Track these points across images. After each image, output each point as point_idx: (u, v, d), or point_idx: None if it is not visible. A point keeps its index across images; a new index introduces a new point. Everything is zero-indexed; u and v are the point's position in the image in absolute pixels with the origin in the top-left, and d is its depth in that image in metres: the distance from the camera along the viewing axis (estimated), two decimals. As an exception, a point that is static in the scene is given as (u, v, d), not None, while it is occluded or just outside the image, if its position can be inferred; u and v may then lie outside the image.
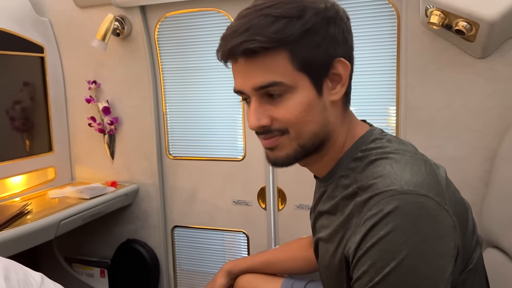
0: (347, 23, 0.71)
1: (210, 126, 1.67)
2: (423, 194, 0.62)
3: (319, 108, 0.69)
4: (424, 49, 1.29)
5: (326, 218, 0.78)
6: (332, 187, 0.76)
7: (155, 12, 1.62)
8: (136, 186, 1.74)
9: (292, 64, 0.67)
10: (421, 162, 0.69)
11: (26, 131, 1.65)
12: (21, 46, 1.59)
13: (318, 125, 0.70)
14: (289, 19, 0.65)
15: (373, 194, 0.64)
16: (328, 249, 0.75)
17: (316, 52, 0.67)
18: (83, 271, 1.84)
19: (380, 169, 0.66)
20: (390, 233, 0.60)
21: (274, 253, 1.18)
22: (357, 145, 0.73)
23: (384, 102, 1.42)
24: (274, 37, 0.65)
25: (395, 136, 0.76)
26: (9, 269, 0.62)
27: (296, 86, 0.68)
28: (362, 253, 0.63)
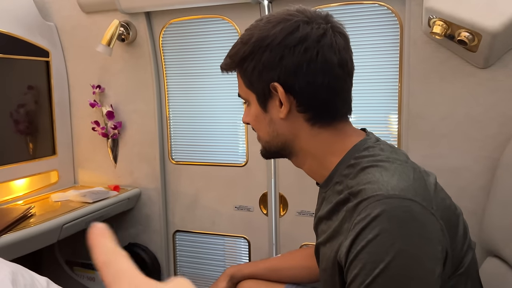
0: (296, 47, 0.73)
1: (213, 131, 1.68)
2: (409, 198, 0.65)
3: (266, 121, 0.80)
4: (427, 59, 1.30)
5: (325, 223, 0.81)
6: (329, 193, 0.80)
7: (160, 19, 1.63)
8: (138, 191, 1.75)
9: (244, 82, 0.81)
10: (410, 169, 0.72)
11: (29, 135, 1.66)
12: (27, 50, 1.61)
13: (268, 135, 0.82)
14: (240, 45, 0.78)
15: (362, 199, 0.67)
16: (325, 253, 0.79)
17: (253, 75, 0.77)
18: (84, 275, 1.84)
19: (370, 176, 0.70)
20: (377, 236, 0.63)
21: (277, 260, 1.20)
22: (351, 153, 0.77)
23: (386, 111, 1.42)
24: (228, 60, 0.81)
25: (389, 144, 0.80)
26: (16, 274, 0.63)
27: (249, 100, 0.82)
28: (353, 257, 0.66)
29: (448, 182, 1.31)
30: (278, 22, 0.75)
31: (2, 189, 1.54)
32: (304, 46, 0.73)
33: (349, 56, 0.78)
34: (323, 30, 0.74)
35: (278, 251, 1.64)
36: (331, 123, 0.79)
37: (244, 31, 0.79)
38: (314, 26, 0.74)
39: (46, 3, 1.73)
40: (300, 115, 0.78)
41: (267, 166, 1.59)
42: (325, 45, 0.74)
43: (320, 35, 0.74)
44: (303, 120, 0.78)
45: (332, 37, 0.74)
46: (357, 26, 1.39)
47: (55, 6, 1.74)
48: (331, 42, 0.74)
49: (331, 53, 0.74)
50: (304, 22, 0.74)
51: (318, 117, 0.78)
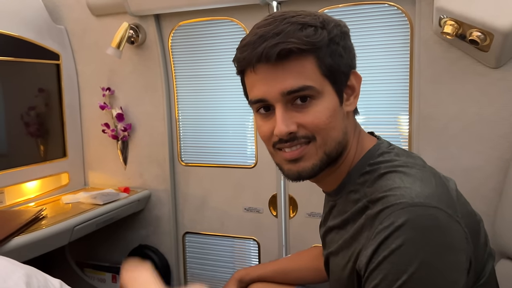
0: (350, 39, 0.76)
1: (222, 133, 1.68)
2: (434, 206, 0.62)
3: (341, 115, 0.72)
4: (437, 59, 1.29)
5: (336, 232, 0.78)
6: (342, 201, 0.76)
7: (169, 21, 1.64)
8: (148, 192, 1.76)
9: (319, 70, 0.69)
10: (430, 174, 0.70)
11: (40, 137, 1.67)
12: (38, 54, 1.62)
13: (341, 133, 0.72)
14: (315, 28, 0.68)
15: (383, 207, 0.64)
16: (338, 263, 0.76)
17: (339, 60, 0.70)
18: (95, 276, 1.85)
19: (390, 183, 0.67)
20: (401, 246, 0.60)
21: (285, 262, 1.18)
22: (365, 159, 0.74)
23: (396, 112, 1.42)
24: (307, 41, 0.67)
25: (403, 149, 0.77)
26: (31, 276, 0.63)
27: (323, 92, 0.69)
28: (374, 267, 0.63)
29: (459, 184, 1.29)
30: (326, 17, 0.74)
31: (14, 191, 1.56)
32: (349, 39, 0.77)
33: None
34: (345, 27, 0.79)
35: (288, 253, 1.63)
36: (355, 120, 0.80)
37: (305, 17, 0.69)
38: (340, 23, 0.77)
39: (57, 7, 1.75)
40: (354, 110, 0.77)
41: (276, 168, 1.58)
42: None
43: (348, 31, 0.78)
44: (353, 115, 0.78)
45: None
46: (367, 27, 1.38)
47: (65, 9, 1.75)
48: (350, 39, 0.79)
49: None
50: None
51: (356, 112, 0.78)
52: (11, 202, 1.54)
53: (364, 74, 1.39)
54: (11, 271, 0.61)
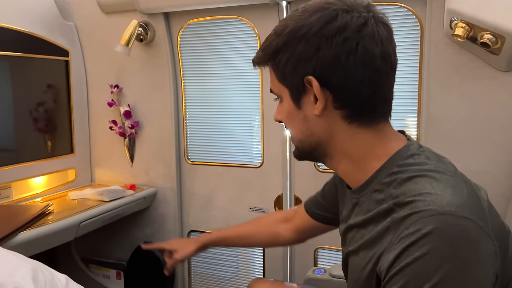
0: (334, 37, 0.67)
1: (229, 132, 1.68)
2: (465, 217, 0.60)
3: (299, 118, 0.74)
4: (447, 61, 1.28)
5: (357, 231, 0.76)
6: (365, 200, 0.74)
7: (178, 19, 1.64)
8: (154, 190, 1.76)
9: (276, 76, 0.74)
10: (462, 182, 0.67)
11: (48, 133, 1.68)
12: (47, 50, 1.63)
13: (301, 134, 0.76)
14: (274, 37, 0.72)
15: (411, 212, 0.62)
16: (358, 263, 0.74)
17: (286, 68, 0.71)
18: (100, 272, 1.86)
19: (420, 187, 0.64)
20: (426, 255, 0.58)
21: (245, 227, 1.24)
22: (393, 160, 0.71)
23: (404, 114, 1.41)
24: (262, 54, 0.75)
25: (433, 152, 0.74)
26: (37, 271, 0.63)
27: (281, 96, 0.76)
28: (395, 272, 0.61)
29: (467, 187, 1.29)
30: (315, 11, 0.69)
31: (21, 186, 1.57)
32: (343, 36, 0.66)
33: (392, 48, 0.71)
34: (364, 19, 0.67)
35: (293, 254, 1.63)
36: (371, 123, 0.72)
37: (279, 22, 0.73)
38: (355, 14, 0.67)
39: (67, 3, 1.76)
40: (337, 112, 0.71)
41: (282, 168, 1.59)
42: (366, 36, 0.67)
43: (361, 24, 0.67)
44: (340, 118, 0.71)
45: (374, 27, 0.67)
46: (376, 28, 1.37)
47: (75, 6, 1.76)
48: (372, 32, 0.67)
49: (372, 44, 0.67)
50: (344, 11, 0.67)
51: (356, 115, 0.71)
52: (18, 197, 1.55)
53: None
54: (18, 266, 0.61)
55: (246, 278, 1.74)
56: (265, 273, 1.69)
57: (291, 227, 1.15)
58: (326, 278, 1.35)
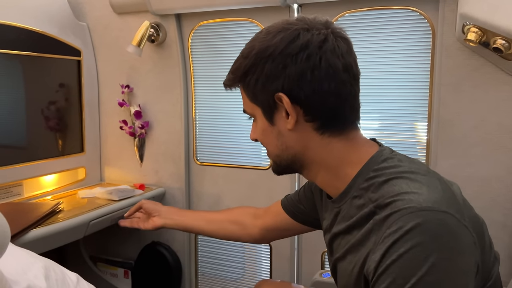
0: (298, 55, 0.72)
1: (238, 134, 1.68)
2: (443, 211, 0.63)
3: (274, 134, 0.79)
4: (459, 66, 1.27)
5: (342, 238, 0.79)
6: (346, 207, 0.77)
7: (189, 21, 1.65)
8: (163, 190, 1.77)
9: (248, 97, 0.79)
10: (436, 180, 0.71)
11: (59, 131, 1.70)
12: (60, 50, 1.65)
13: (277, 149, 0.80)
14: (241, 59, 0.77)
15: (392, 211, 0.65)
16: (345, 268, 0.76)
17: (256, 88, 0.76)
18: (107, 271, 1.87)
19: (397, 188, 0.68)
20: (410, 250, 0.61)
21: (215, 213, 1.29)
22: (368, 165, 0.75)
23: (414, 118, 1.40)
24: (232, 76, 0.79)
25: (405, 155, 0.78)
26: (49, 269, 0.64)
27: (255, 114, 0.81)
28: (382, 270, 0.63)
29: (478, 193, 1.29)
30: (278, 32, 0.74)
31: (32, 184, 1.58)
32: (306, 53, 0.72)
33: (353, 60, 0.76)
34: (324, 36, 0.73)
35: (300, 256, 1.63)
36: (342, 132, 0.77)
37: (245, 45, 0.79)
38: (315, 32, 0.73)
39: (80, 4, 1.78)
40: (309, 125, 0.76)
41: (291, 170, 1.58)
42: (327, 50, 0.72)
43: (321, 40, 0.72)
44: (312, 130, 0.76)
45: (333, 42, 0.73)
46: (388, 32, 1.37)
47: (88, 6, 1.78)
48: (333, 47, 0.73)
49: (334, 57, 0.72)
50: (304, 30, 0.73)
51: (327, 125, 0.76)
52: (29, 195, 1.57)
53: (383, 79, 1.40)
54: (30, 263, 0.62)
55: (252, 279, 1.74)
56: (272, 274, 1.69)
57: (259, 224, 1.18)
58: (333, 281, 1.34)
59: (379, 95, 1.42)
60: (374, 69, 1.41)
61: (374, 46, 1.40)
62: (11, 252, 0.57)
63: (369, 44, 1.40)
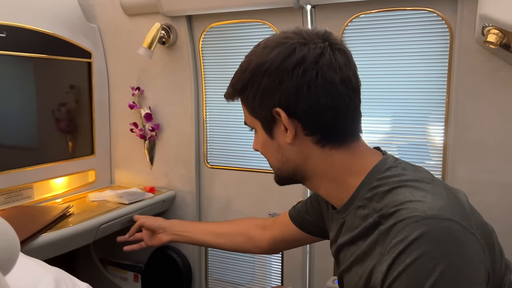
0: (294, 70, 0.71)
1: (249, 136, 1.66)
2: (448, 218, 0.62)
3: (273, 148, 0.79)
4: (478, 68, 1.24)
5: (347, 249, 0.78)
6: (350, 218, 0.77)
7: (200, 22, 1.63)
8: (173, 193, 1.76)
9: (247, 110, 0.80)
10: (441, 187, 0.70)
11: (70, 133, 1.69)
12: (71, 52, 1.64)
13: (278, 162, 0.80)
14: (240, 74, 0.78)
15: (396, 221, 0.64)
16: (351, 280, 0.76)
17: (255, 102, 0.76)
18: (117, 274, 1.86)
19: (401, 197, 0.67)
20: (417, 260, 0.60)
21: (221, 225, 1.28)
22: (371, 175, 0.74)
23: (430, 122, 1.37)
24: (231, 89, 0.80)
25: (409, 163, 0.77)
26: (59, 280, 0.63)
27: (255, 127, 0.81)
28: (390, 282, 0.62)
29: (496, 199, 1.25)
30: (274, 47, 0.73)
31: (42, 186, 1.58)
32: (303, 68, 0.71)
33: (352, 72, 0.75)
34: (321, 50, 0.72)
35: (312, 262, 1.60)
36: (342, 143, 0.76)
37: (244, 58, 0.79)
38: (311, 46, 0.72)
39: (91, 5, 1.77)
40: (308, 138, 0.75)
41: (303, 174, 1.56)
42: (324, 65, 0.71)
43: (318, 55, 0.71)
44: (312, 143, 0.76)
45: (331, 55, 0.72)
46: (404, 33, 1.34)
47: (99, 8, 1.77)
48: (330, 61, 0.71)
49: (331, 71, 0.71)
50: (301, 44, 0.72)
51: (327, 138, 0.75)
52: (40, 197, 1.56)
53: (398, 81, 1.37)
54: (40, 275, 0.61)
55: (263, 284, 1.72)
56: (283, 280, 1.67)
57: (267, 236, 1.16)
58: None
59: (394, 97, 1.39)
60: (389, 72, 1.38)
61: (389, 47, 1.36)
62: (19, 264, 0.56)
63: (384, 46, 1.37)
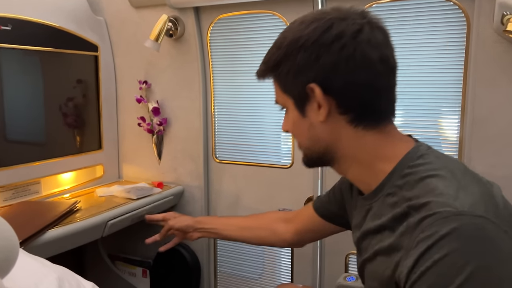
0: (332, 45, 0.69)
1: (258, 131, 1.63)
2: (480, 215, 0.60)
3: (305, 126, 0.76)
4: (496, 59, 1.19)
5: (372, 238, 0.76)
6: (378, 205, 0.75)
7: (208, 14, 1.60)
8: (181, 188, 1.74)
9: (280, 87, 0.78)
10: (474, 180, 0.68)
11: (77, 128, 1.68)
12: (77, 45, 1.62)
13: (308, 141, 0.78)
14: (274, 50, 0.76)
15: (426, 215, 0.62)
16: (374, 270, 0.74)
17: (288, 78, 0.75)
18: (126, 270, 1.85)
19: (432, 187, 0.65)
20: (446, 256, 0.58)
21: (245, 219, 1.28)
22: (404, 162, 0.72)
23: (445, 115, 1.33)
24: (264, 67, 0.79)
25: (442, 152, 0.75)
26: (63, 280, 0.61)
27: (286, 106, 0.79)
28: (416, 277, 0.60)
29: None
30: (311, 22, 0.72)
31: (50, 182, 1.56)
32: (341, 43, 0.69)
33: (390, 51, 0.73)
34: (359, 26, 0.70)
35: (323, 258, 1.57)
36: (376, 125, 0.74)
37: (278, 35, 0.77)
38: (350, 22, 0.70)
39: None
40: (341, 117, 0.73)
41: (313, 169, 1.53)
42: (362, 41, 0.69)
43: (356, 30, 0.69)
44: (345, 122, 0.74)
45: (369, 32, 0.70)
46: (418, 23, 1.29)
47: (105, 0, 1.74)
48: (368, 38, 0.70)
49: (369, 48, 0.69)
50: (339, 19, 0.70)
51: (361, 118, 0.73)
52: (47, 193, 1.55)
53: (412, 73, 1.32)
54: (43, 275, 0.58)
55: (272, 279, 1.70)
56: (293, 276, 1.64)
57: (291, 228, 1.17)
58: (358, 286, 1.29)
59: (408, 90, 1.35)
60: (403, 63, 1.32)
61: (403, 38, 1.32)
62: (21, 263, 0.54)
63: (398, 36, 1.32)
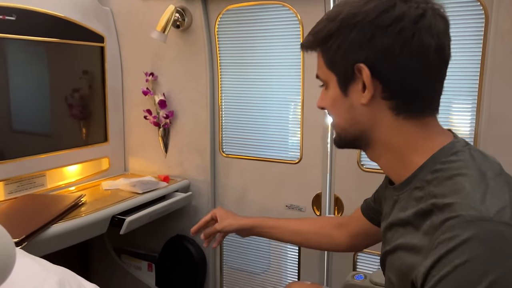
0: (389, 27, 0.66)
1: (266, 125, 1.60)
2: (505, 223, 0.58)
3: (345, 106, 0.73)
4: (515, 54, 1.14)
5: (396, 230, 0.74)
6: (405, 197, 0.73)
7: (216, 4, 1.56)
8: (187, 182, 1.71)
9: (325, 62, 0.74)
10: (505, 184, 0.65)
11: (83, 120, 1.66)
12: (83, 36, 1.59)
13: (345, 122, 0.75)
14: (326, 22, 0.72)
15: (449, 216, 0.60)
16: (394, 263, 0.72)
17: (337, 54, 0.71)
18: (131, 263, 1.84)
19: (459, 187, 0.62)
20: (466, 263, 0.56)
21: (298, 222, 1.20)
22: (436, 156, 0.69)
23: (461, 110, 1.28)
24: (312, 38, 0.74)
25: (480, 151, 0.70)
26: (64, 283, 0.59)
27: (328, 82, 0.75)
28: (435, 281, 0.58)
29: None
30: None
31: (55, 174, 1.55)
32: (400, 26, 0.65)
33: (447, 42, 0.70)
34: (423, 10, 0.66)
35: (330, 257, 1.55)
36: (418, 116, 0.71)
37: (332, 7, 0.73)
38: (413, 5, 0.66)
39: (103, -12, 1.71)
40: (384, 103, 0.70)
41: (322, 165, 1.50)
42: (423, 27, 0.65)
43: (419, 15, 0.66)
44: (387, 108, 0.71)
45: (431, 19, 0.66)
46: (434, 16, 1.25)
47: (111, -10, 1.71)
48: (429, 24, 0.66)
49: (428, 36, 0.66)
50: (402, 0, 0.67)
51: (404, 106, 0.70)
52: (53, 185, 1.54)
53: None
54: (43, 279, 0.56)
55: (278, 274, 1.68)
56: (300, 274, 1.62)
57: (346, 233, 1.12)
58: (366, 285, 1.26)
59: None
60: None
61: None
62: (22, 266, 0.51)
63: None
